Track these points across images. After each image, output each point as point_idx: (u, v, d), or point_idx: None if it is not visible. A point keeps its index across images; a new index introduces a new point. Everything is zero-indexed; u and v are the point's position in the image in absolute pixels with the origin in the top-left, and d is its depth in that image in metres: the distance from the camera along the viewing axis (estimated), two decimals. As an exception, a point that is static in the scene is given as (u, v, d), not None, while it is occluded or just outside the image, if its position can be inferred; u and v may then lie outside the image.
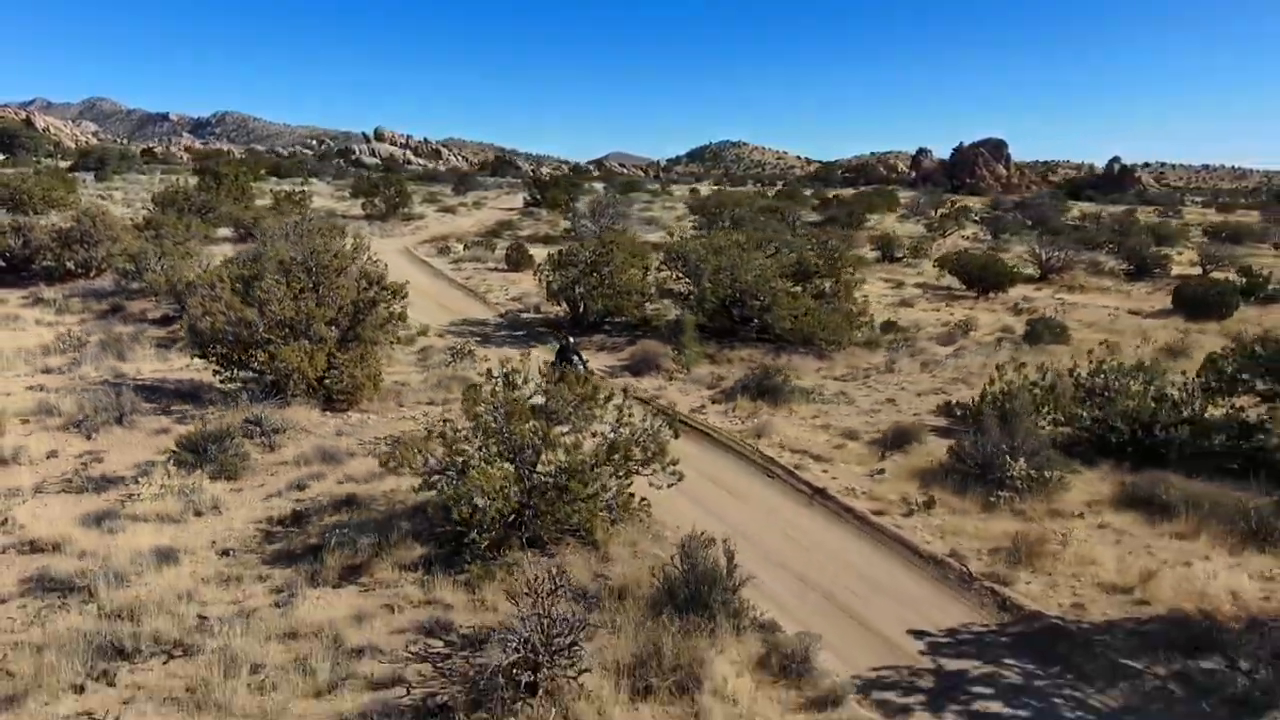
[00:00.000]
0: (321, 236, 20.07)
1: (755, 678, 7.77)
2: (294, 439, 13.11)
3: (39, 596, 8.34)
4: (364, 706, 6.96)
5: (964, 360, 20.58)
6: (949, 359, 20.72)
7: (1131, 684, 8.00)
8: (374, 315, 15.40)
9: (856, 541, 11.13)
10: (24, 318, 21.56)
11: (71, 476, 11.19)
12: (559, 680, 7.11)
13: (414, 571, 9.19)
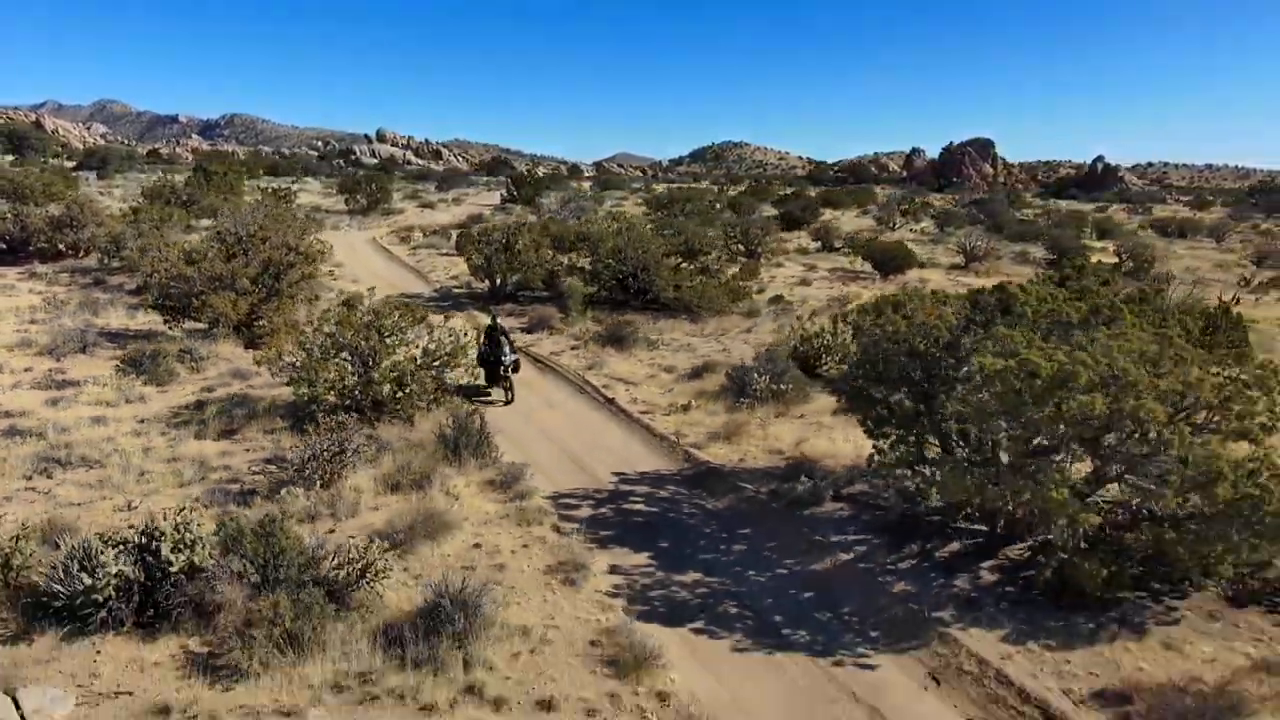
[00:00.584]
0: (271, 220, 24.25)
1: (479, 487, 11.82)
2: (215, 364, 17.28)
3: (7, 437, 12.49)
4: (208, 490, 11.06)
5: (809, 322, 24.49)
6: (796, 320, 24.64)
7: (737, 495, 12.01)
8: (290, 275, 19.54)
9: (617, 428, 15.17)
10: (18, 288, 25.87)
11: (40, 380, 15.38)
12: (334, 477, 11.20)
13: (271, 434, 13.29)
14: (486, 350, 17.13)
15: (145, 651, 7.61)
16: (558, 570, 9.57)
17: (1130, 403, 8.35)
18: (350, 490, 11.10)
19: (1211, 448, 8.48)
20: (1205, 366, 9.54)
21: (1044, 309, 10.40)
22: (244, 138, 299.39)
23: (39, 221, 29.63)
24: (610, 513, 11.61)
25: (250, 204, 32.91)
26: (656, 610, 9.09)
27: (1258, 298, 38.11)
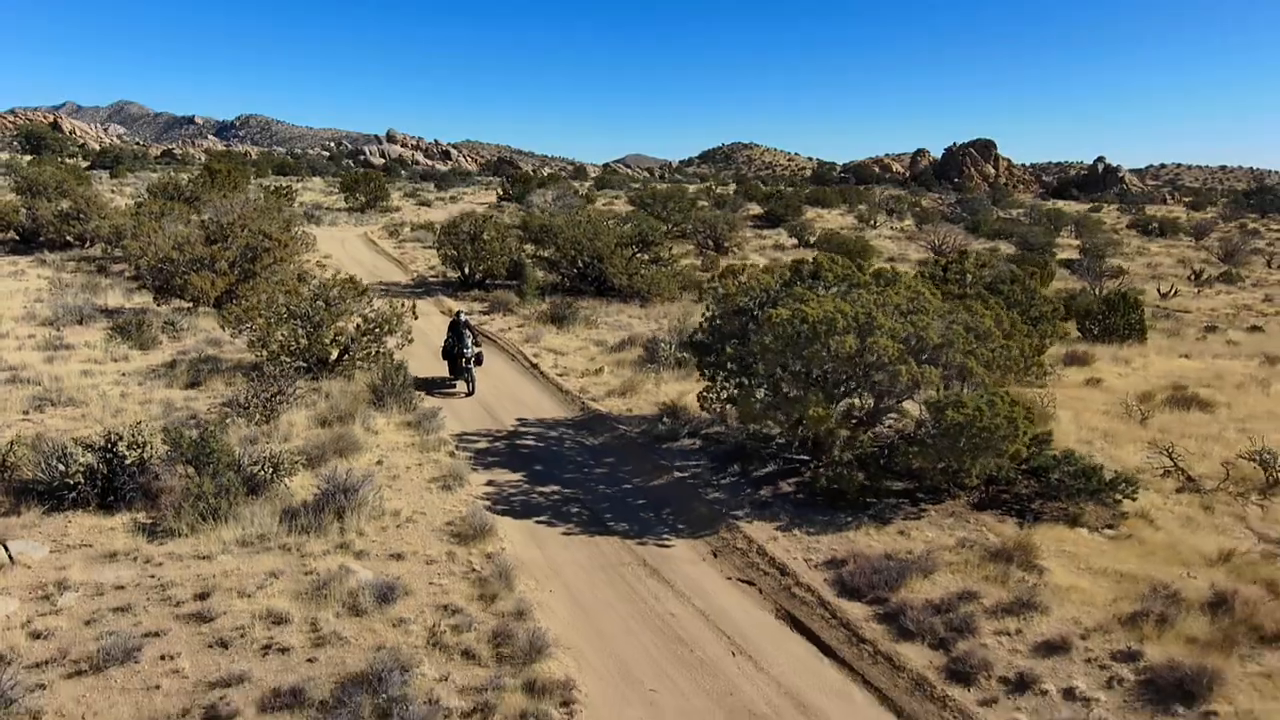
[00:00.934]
0: (253, 212, 26.94)
1: (397, 426, 14.35)
2: (194, 334, 19.93)
3: (9, 384, 15.14)
4: (170, 422, 13.64)
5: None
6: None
7: (613, 434, 14.48)
8: (264, 259, 22.18)
9: (532, 386, 17.70)
10: (28, 273, 28.68)
11: (40, 344, 18.07)
12: (273, 413, 13.76)
13: (231, 385, 15.88)
14: (451, 342, 17.72)
15: (104, 521, 10.16)
16: (440, 480, 12.07)
17: (871, 341, 10.75)
18: (286, 424, 13.66)
19: (937, 381, 10.87)
20: (950, 318, 11.94)
21: (841, 274, 12.79)
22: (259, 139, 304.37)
23: (48, 214, 32.50)
24: (502, 446, 14.11)
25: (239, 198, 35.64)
26: (512, 508, 11.58)
27: (1200, 290, 40.23)
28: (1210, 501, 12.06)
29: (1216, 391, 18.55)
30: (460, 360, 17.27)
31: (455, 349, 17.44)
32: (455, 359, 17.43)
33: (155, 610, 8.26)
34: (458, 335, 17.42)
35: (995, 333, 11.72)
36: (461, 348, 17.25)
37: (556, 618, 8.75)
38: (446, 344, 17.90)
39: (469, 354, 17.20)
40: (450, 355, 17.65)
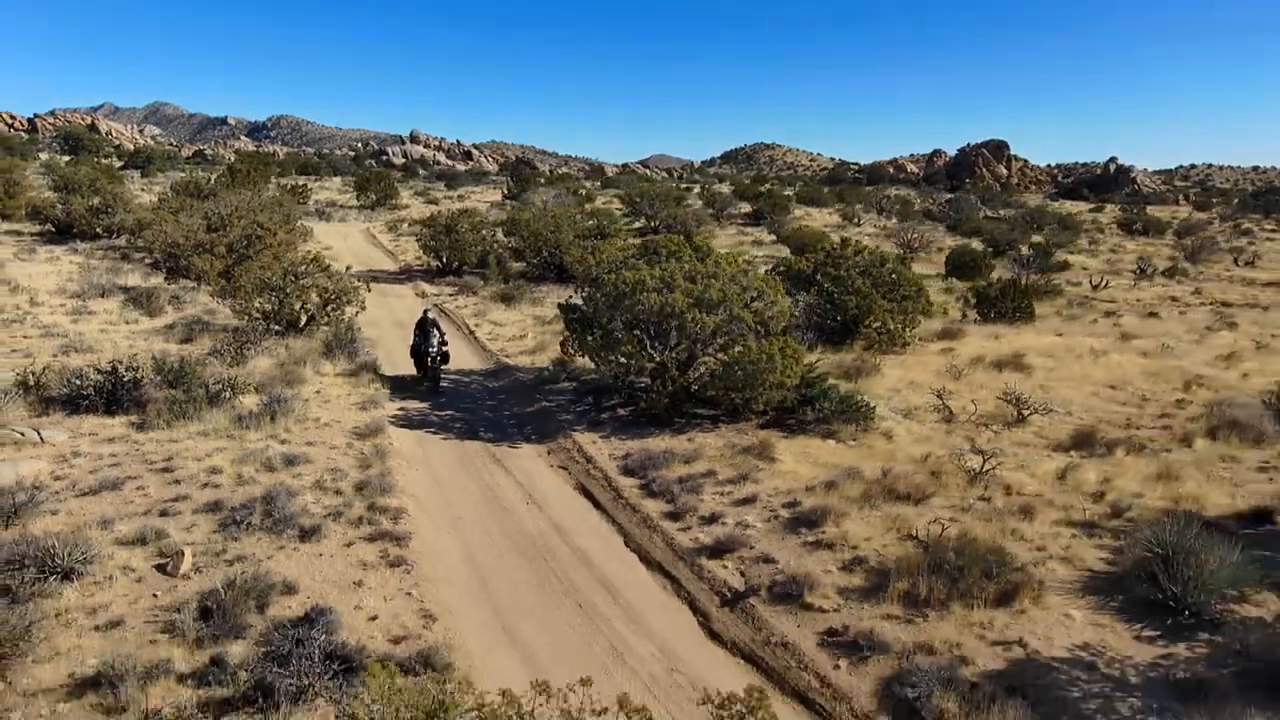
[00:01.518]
0: (253, 207, 31.32)
1: (339, 370, 18.45)
2: (194, 306, 24.26)
3: (44, 337, 19.48)
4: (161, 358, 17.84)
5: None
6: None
7: (512, 379, 18.49)
8: (257, 245, 26.49)
9: (466, 348, 21.74)
10: (62, 259, 33.33)
11: (69, 310, 22.48)
12: (241, 358, 17.93)
13: (215, 342, 20.09)
14: (418, 340, 17.95)
15: (107, 420, 14.32)
16: (361, 404, 16.14)
17: (670, 297, 14.63)
18: (253, 367, 17.83)
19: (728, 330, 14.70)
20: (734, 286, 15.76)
21: (671, 250, 16.64)
22: (289, 139, 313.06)
23: (80, 209, 37.24)
24: (422, 387, 18.16)
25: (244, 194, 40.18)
26: (410, 423, 15.61)
27: (1137, 283, 43.20)
28: (954, 428, 15.73)
29: (1050, 360, 22.03)
30: (426, 359, 17.74)
31: (422, 347, 17.82)
32: (422, 358, 17.87)
33: (135, 466, 12.38)
34: (424, 334, 17.77)
35: (772, 295, 15.47)
36: (427, 346, 17.67)
37: (411, 480, 12.75)
38: (414, 343, 18.18)
39: (433, 352, 17.60)
40: (418, 354, 18.03)
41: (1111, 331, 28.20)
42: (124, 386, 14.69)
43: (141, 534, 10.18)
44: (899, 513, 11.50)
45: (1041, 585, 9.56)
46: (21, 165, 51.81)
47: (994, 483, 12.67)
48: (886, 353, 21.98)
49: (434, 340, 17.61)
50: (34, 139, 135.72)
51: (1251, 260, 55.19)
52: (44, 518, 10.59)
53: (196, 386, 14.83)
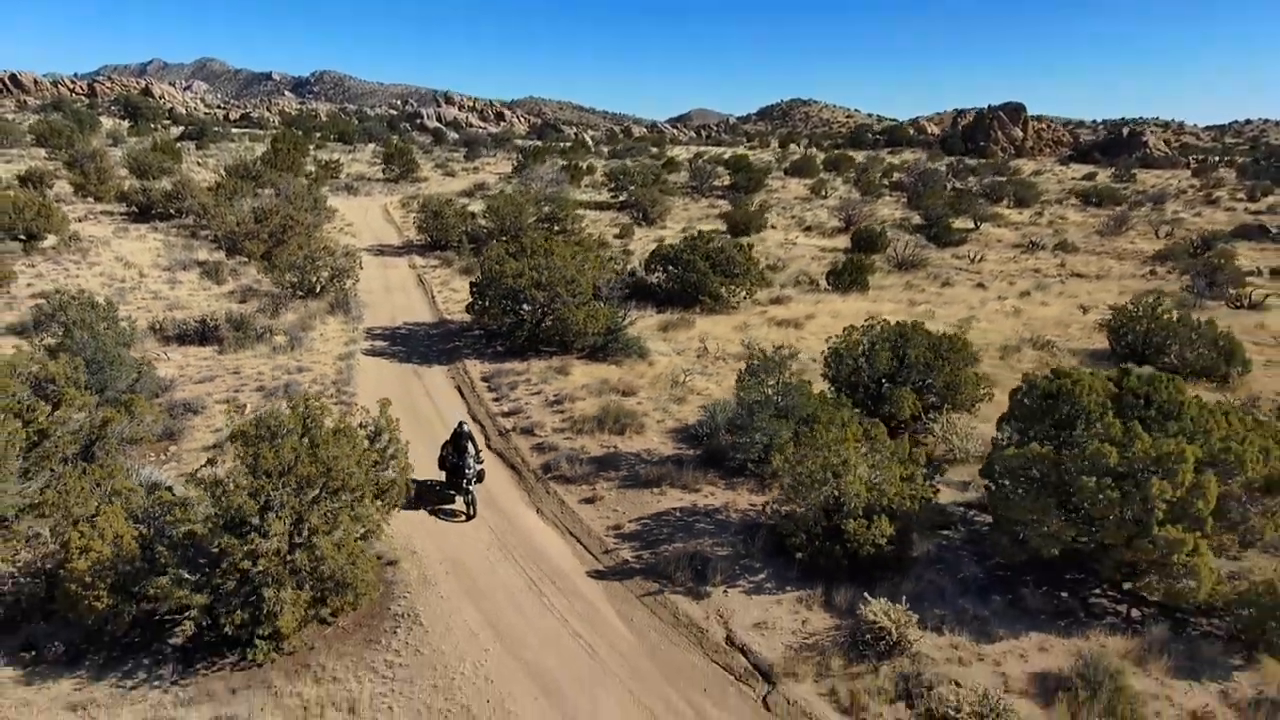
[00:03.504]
0: (286, 201, 43.17)
1: (338, 323, 30.28)
2: (246, 276, 36.32)
3: (153, 299, 31.62)
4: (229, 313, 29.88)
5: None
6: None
7: (445, 329, 30.16)
8: (289, 233, 38.39)
9: (425, 308, 33.42)
10: (147, 237, 45.80)
11: (164, 279, 34.68)
12: (277, 313, 29.87)
13: (262, 302, 32.05)
14: (450, 454, 16.77)
15: (202, 349, 26.26)
16: (346, 342, 27.90)
17: (549, 274, 26.02)
18: (283, 318, 29.72)
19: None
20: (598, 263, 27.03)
21: (535, 249, 27.84)
22: (332, 95, 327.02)
23: (158, 195, 49.68)
24: (387, 333, 29.88)
25: (284, 185, 52.12)
26: (373, 353, 27.33)
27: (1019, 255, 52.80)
28: (705, 363, 26.84)
29: (833, 320, 32.77)
30: (459, 476, 16.45)
31: (456, 462, 16.60)
32: (454, 472, 16.62)
33: (218, 370, 24.31)
34: (459, 450, 16.71)
35: (588, 278, 26.63)
36: (464, 464, 16.44)
37: (363, 381, 24.45)
38: (443, 455, 17.06)
39: (470, 474, 16.43)
40: (447, 466, 16.87)
41: (905, 299, 38.57)
42: (209, 328, 26.65)
43: (225, 398, 22.05)
44: (612, 399, 22.82)
45: (644, 428, 20.88)
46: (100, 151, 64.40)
47: (686, 387, 23.90)
48: (715, 313, 33.03)
49: (469, 460, 16.56)
50: (94, 103, 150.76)
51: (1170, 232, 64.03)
52: (178, 392, 22.54)
53: (249, 329, 26.73)
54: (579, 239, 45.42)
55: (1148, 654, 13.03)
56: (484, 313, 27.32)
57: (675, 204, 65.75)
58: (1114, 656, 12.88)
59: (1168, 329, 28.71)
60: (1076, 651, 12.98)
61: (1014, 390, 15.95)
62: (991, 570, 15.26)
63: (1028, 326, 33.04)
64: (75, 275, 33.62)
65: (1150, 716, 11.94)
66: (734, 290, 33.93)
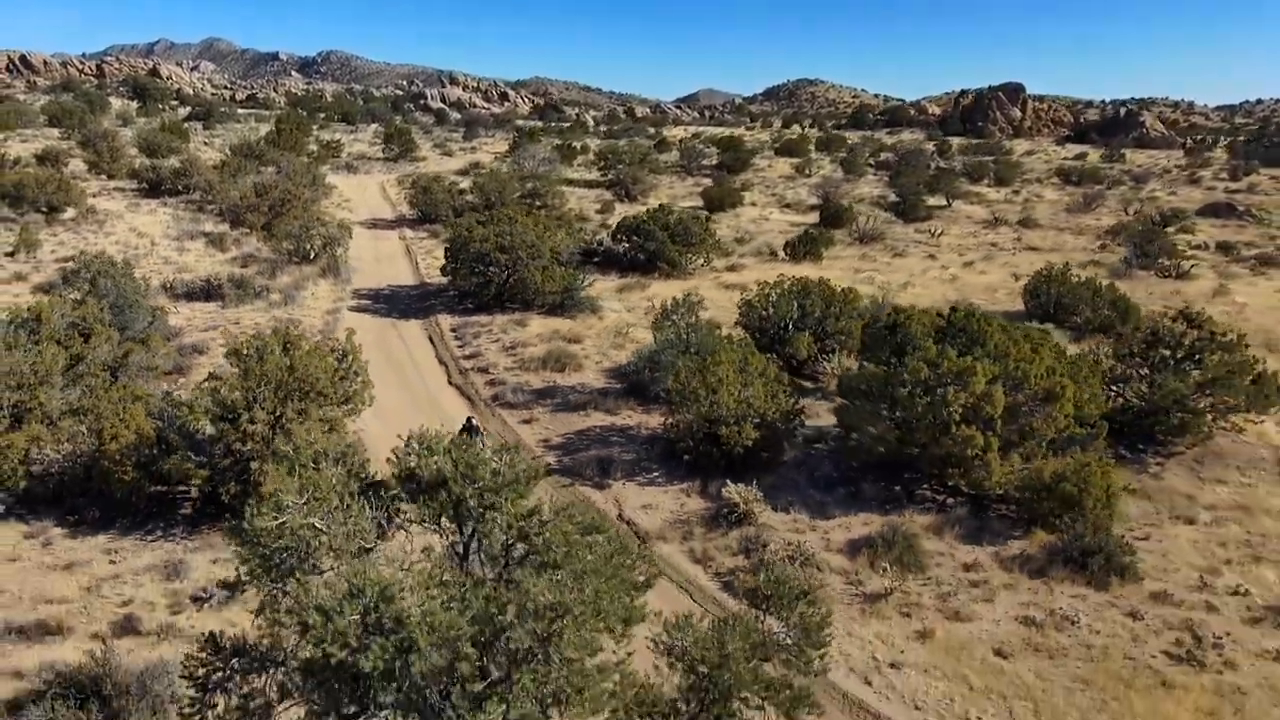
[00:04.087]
0: (284, 177, 47.05)
1: (329, 285, 34.21)
2: (248, 245, 40.29)
3: (164, 264, 35.62)
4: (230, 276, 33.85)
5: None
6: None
7: (425, 290, 34.06)
8: (287, 205, 42.30)
9: (409, 273, 37.33)
10: (158, 211, 49.81)
11: (174, 246, 38.67)
12: (275, 275, 33.84)
13: (262, 267, 36.01)
14: None
15: (206, 304, 30.26)
16: (334, 299, 31.82)
17: (512, 239, 29.86)
18: (280, 280, 33.66)
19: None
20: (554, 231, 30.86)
21: (501, 218, 31.62)
22: (339, 75, 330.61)
23: (168, 172, 53.66)
24: (373, 293, 33.79)
25: (284, 162, 55.99)
26: (359, 309, 31.24)
27: (984, 228, 56.14)
28: (650, 319, 30.58)
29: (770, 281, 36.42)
30: None
31: None
32: None
33: (222, 321, 28.27)
34: (472, 433, 17.99)
35: (547, 243, 30.39)
36: None
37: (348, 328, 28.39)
38: None
39: None
40: None
41: (853, 267, 42.14)
42: (213, 287, 30.61)
43: (226, 345, 25.98)
44: (559, 344, 26.64)
45: (581, 367, 24.71)
46: (112, 132, 68.45)
47: (627, 337, 27.71)
48: (672, 278, 36.76)
49: (478, 438, 17.01)
50: (102, 84, 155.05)
51: (1140, 209, 67.09)
52: (185, 338, 26.48)
53: (249, 288, 30.68)
54: (559, 213, 49.24)
55: (945, 527, 16.84)
56: (456, 274, 31.14)
57: (663, 182, 69.29)
58: (916, 527, 16.69)
59: (1074, 291, 32.32)
60: (890, 525, 16.77)
61: (865, 325, 19.68)
62: (844, 471, 19.05)
63: (959, 291, 36.64)
64: (93, 243, 37.59)
65: (931, 565, 15.74)
66: (691, 257, 37.62)
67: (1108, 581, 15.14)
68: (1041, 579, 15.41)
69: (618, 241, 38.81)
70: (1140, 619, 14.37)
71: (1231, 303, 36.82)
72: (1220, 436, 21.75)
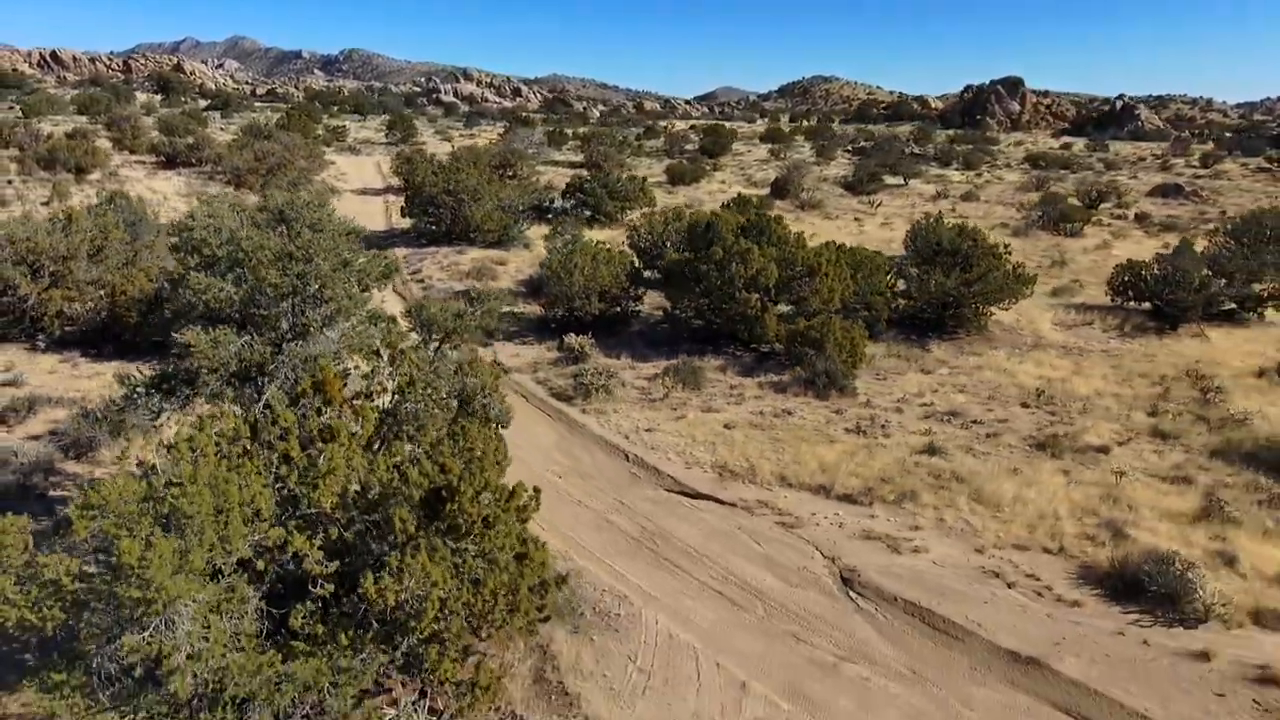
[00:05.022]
0: (283, 148, 54.29)
1: (311, 228, 41.30)
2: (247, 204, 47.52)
3: (178, 216, 42.83)
4: (229, 223, 41.04)
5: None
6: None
7: (393, 234, 40.98)
8: (282, 168, 49.43)
9: (383, 220, 44.31)
10: (173, 179, 57.21)
11: (184, 202, 45.88)
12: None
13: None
14: None
15: (205, 239, 37.41)
16: (313, 238, 38.83)
17: (455, 186, 36.72)
18: (269, 225, 40.73)
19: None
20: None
21: (460, 175, 38.36)
22: (361, 73, 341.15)
23: (182, 146, 61.17)
24: (348, 236, 40.75)
25: (289, 137, 63.28)
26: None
27: (927, 200, 62.16)
28: (573, 252, 37.23)
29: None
30: None
31: None
32: None
33: (217, 249, 35.39)
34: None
35: (490, 192, 37.11)
36: None
37: (319, 257, 35.33)
38: None
39: None
40: None
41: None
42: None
43: (219, 261, 32.95)
44: (487, 264, 33.34)
45: (498, 276, 31.40)
46: (136, 115, 76.39)
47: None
48: (606, 228, 43.36)
49: None
50: (129, 79, 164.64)
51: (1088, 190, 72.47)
52: (187, 258, 33.48)
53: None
54: (525, 180, 56.06)
55: (729, 366, 23.31)
56: (413, 216, 37.99)
57: (642, 164, 75.98)
58: (707, 367, 23.15)
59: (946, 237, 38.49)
60: (685, 362, 23.25)
61: (690, 225, 26.18)
62: (670, 338, 25.54)
63: (857, 241, 42.91)
64: (115, 197, 44.88)
65: (708, 387, 22.18)
66: (626, 210, 44.25)
67: (829, 394, 21.51)
68: (782, 394, 21.82)
69: (565, 199, 45.50)
70: (840, 414, 20.75)
71: (1107, 254, 42.83)
72: (996, 327, 28.04)
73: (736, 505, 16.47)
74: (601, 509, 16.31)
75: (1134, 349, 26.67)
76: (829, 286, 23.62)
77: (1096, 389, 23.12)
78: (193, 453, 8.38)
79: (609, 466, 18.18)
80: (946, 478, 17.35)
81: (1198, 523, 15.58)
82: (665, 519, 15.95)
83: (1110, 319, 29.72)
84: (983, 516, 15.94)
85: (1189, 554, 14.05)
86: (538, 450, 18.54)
